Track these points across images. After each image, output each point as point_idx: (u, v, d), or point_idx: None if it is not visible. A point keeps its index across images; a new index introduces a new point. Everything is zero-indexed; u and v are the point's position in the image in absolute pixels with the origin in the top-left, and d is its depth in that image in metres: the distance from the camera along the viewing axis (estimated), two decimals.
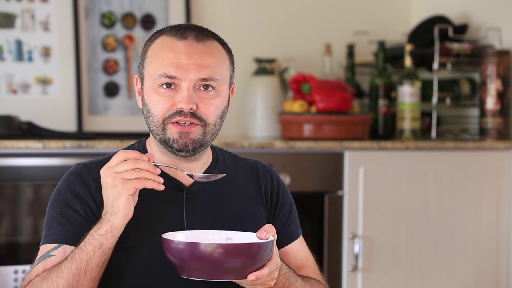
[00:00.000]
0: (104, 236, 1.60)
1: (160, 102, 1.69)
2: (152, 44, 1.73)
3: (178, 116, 1.68)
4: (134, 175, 1.58)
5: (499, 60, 3.23)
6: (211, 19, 3.42)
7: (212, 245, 1.53)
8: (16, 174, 2.76)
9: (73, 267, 1.60)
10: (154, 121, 1.71)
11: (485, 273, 3.18)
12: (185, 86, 1.67)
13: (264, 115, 3.37)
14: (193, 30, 1.71)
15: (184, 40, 1.69)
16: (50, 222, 1.70)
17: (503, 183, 3.19)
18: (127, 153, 1.60)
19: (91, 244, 1.60)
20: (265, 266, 1.58)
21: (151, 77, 1.71)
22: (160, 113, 1.69)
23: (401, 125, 3.28)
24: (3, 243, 2.79)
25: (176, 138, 1.69)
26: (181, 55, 1.68)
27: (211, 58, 1.70)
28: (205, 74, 1.68)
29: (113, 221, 1.59)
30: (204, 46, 1.70)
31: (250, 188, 1.82)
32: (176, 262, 1.57)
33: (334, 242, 3.02)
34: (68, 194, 1.71)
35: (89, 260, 1.60)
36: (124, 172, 1.58)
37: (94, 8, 3.28)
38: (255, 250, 1.54)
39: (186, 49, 1.69)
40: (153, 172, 1.59)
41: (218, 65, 1.71)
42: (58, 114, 3.21)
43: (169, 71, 1.67)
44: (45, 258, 1.66)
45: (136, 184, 1.58)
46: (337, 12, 3.65)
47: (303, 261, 1.86)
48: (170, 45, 1.69)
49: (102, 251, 1.60)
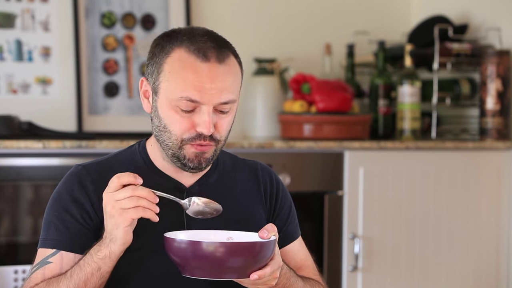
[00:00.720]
0: (103, 260, 1.61)
1: (180, 122, 1.67)
2: (169, 57, 1.68)
3: (198, 140, 1.67)
4: (132, 203, 1.56)
5: (499, 60, 3.22)
6: (211, 19, 3.42)
7: (215, 243, 1.52)
8: (16, 174, 2.76)
9: (71, 285, 1.62)
10: (171, 139, 1.69)
11: (485, 273, 3.18)
12: (206, 110, 1.66)
13: (264, 115, 3.37)
14: (214, 49, 1.67)
15: (207, 62, 1.66)
16: (48, 225, 1.71)
17: (503, 183, 3.19)
18: (122, 177, 1.58)
19: (89, 266, 1.61)
20: (267, 266, 1.58)
21: (169, 95, 1.67)
22: (179, 133, 1.68)
23: (401, 125, 3.28)
24: (3, 243, 2.79)
25: (192, 158, 1.69)
26: (204, 79, 1.65)
27: (230, 79, 1.68)
28: (225, 98, 1.67)
29: (112, 247, 1.60)
30: (225, 67, 1.67)
31: (250, 189, 1.82)
32: (178, 261, 1.57)
33: (334, 242, 3.02)
34: (66, 198, 1.71)
35: (87, 281, 1.62)
36: (123, 200, 1.57)
37: (94, 8, 3.28)
38: (258, 249, 1.54)
39: (209, 72, 1.65)
40: (151, 201, 1.58)
41: (235, 84, 1.69)
42: (58, 114, 3.21)
43: (192, 95, 1.65)
44: (44, 265, 1.68)
45: (133, 215, 1.57)
46: (337, 12, 3.65)
47: (302, 262, 1.86)
48: (192, 67, 1.65)
49: (100, 274, 1.62)
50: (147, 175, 1.71)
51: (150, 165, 1.76)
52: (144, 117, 3.26)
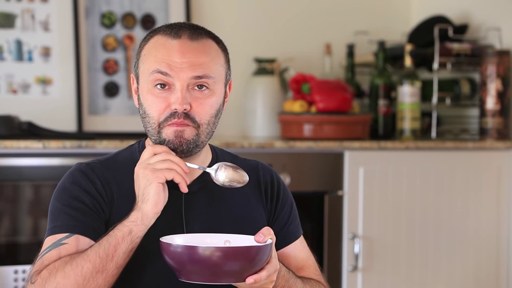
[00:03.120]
0: (134, 223, 1.61)
1: (155, 103, 1.69)
2: (147, 43, 1.73)
3: (173, 118, 1.68)
4: (165, 165, 1.63)
5: (499, 60, 3.23)
6: (211, 19, 3.43)
7: (210, 248, 1.52)
8: (16, 174, 2.76)
9: (100, 251, 1.60)
10: (150, 123, 1.71)
11: (485, 273, 3.18)
12: (179, 86, 1.67)
13: (264, 115, 3.37)
14: (187, 28, 1.71)
15: (178, 39, 1.69)
16: (56, 214, 1.69)
17: (503, 183, 3.19)
18: (156, 147, 1.66)
19: (120, 231, 1.61)
20: (263, 269, 1.58)
21: (145, 75, 1.70)
22: (155, 114, 1.69)
23: (401, 125, 3.28)
24: (3, 243, 2.79)
25: (171, 139, 1.69)
26: (174, 54, 1.68)
27: (205, 56, 1.69)
28: (198, 72, 1.68)
29: (144, 208, 1.62)
30: (198, 44, 1.70)
31: (250, 188, 1.82)
32: (174, 266, 1.56)
33: (334, 242, 3.02)
34: (75, 188, 1.70)
35: (117, 245, 1.60)
36: (155, 163, 1.63)
37: (94, 8, 3.28)
38: (254, 253, 1.54)
39: (180, 47, 1.69)
40: (183, 168, 1.64)
41: (212, 63, 1.70)
42: (58, 114, 3.21)
43: (161, 66, 1.67)
44: (58, 246, 1.65)
45: (166, 173, 1.62)
46: (337, 12, 3.65)
47: (304, 262, 1.86)
48: (164, 44, 1.69)
49: (130, 238, 1.61)
50: None
51: None
52: None
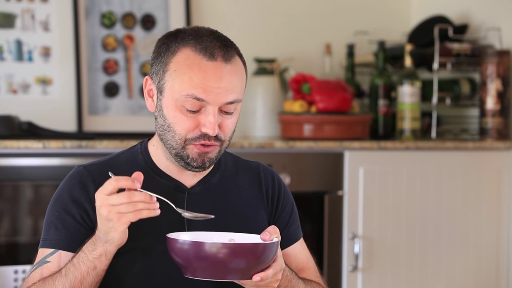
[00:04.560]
0: (98, 259, 1.61)
1: (184, 122, 1.66)
2: (175, 56, 1.67)
3: (202, 139, 1.67)
4: (129, 208, 1.55)
5: (499, 60, 3.23)
6: (211, 19, 3.42)
7: (217, 245, 1.52)
8: (16, 174, 2.76)
9: (66, 284, 1.61)
10: (174, 138, 1.68)
11: (485, 273, 3.18)
12: (211, 110, 1.65)
13: (264, 115, 3.37)
14: (219, 48, 1.67)
15: (214, 61, 1.65)
16: (48, 225, 1.71)
17: (503, 183, 3.19)
18: (119, 181, 1.55)
19: (85, 265, 1.61)
20: (270, 267, 1.58)
21: (175, 93, 1.66)
22: (183, 132, 1.67)
23: (401, 125, 3.28)
24: (3, 243, 2.79)
25: (195, 158, 1.68)
26: (210, 78, 1.64)
27: (237, 79, 1.67)
28: (231, 98, 1.66)
29: (108, 248, 1.60)
30: (231, 67, 1.67)
31: (252, 189, 1.82)
32: (180, 262, 1.56)
33: (334, 242, 3.02)
34: (66, 198, 1.71)
35: (83, 279, 1.61)
36: (119, 205, 1.55)
37: (94, 8, 3.28)
38: (260, 250, 1.54)
39: (215, 71, 1.65)
40: (148, 201, 1.56)
41: (242, 86, 1.70)
42: (58, 114, 3.21)
43: (198, 93, 1.64)
44: (42, 265, 1.68)
45: (131, 218, 1.56)
46: (337, 12, 3.65)
47: (304, 264, 1.86)
48: (199, 65, 1.65)
49: (95, 273, 1.62)
50: (148, 175, 1.72)
51: (151, 166, 1.76)
52: (144, 117, 3.26)
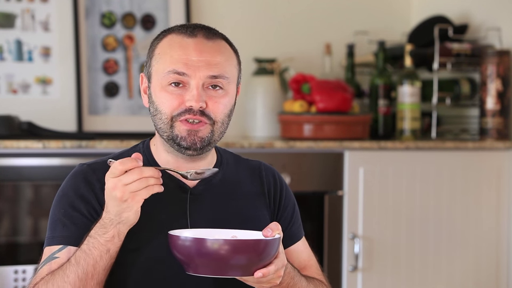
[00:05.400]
0: (111, 241, 1.60)
1: (169, 99, 1.69)
2: (160, 42, 1.73)
3: (187, 114, 1.68)
4: (142, 184, 1.56)
5: (499, 60, 3.23)
6: (211, 19, 3.42)
7: (219, 241, 1.52)
8: (16, 174, 2.76)
9: (79, 271, 1.60)
10: (161, 119, 1.70)
11: (485, 273, 3.18)
12: (195, 84, 1.67)
13: (264, 115, 3.37)
14: (202, 28, 1.72)
15: (194, 38, 1.70)
16: (54, 223, 1.70)
17: (503, 183, 3.19)
18: (125, 164, 1.56)
19: (97, 249, 1.60)
20: (271, 264, 1.58)
21: (159, 74, 1.70)
22: (168, 110, 1.69)
23: (401, 125, 3.28)
24: (3, 243, 2.79)
25: (184, 136, 1.69)
26: (190, 52, 1.68)
27: (220, 56, 1.70)
28: (214, 72, 1.68)
29: (121, 228, 1.60)
30: (214, 44, 1.71)
31: (253, 189, 1.82)
32: (182, 259, 1.57)
33: (334, 242, 3.02)
34: (72, 195, 1.71)
35: (96, 264, 1.61)
36: (132, 183, 1.56)
37: (94, 8, 3.28)
38: (262, 246, 1.54)
39: (196, 46, 1.69)
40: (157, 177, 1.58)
41: (227, 64, 1.71)
42: (58, 114, 3.21)
43: (178, 67, 1.67)
44: (50, 261, 1.67)
45: (144, 195, 1.57)
46: (337, 12, 3.65)
47: (306, 262, 1.86)
48: (180, 42, 1.70)
49: (109, 256, 1.61)
50: None
51: (153, 165, 1.76)
52: (144, 117, 3.26)
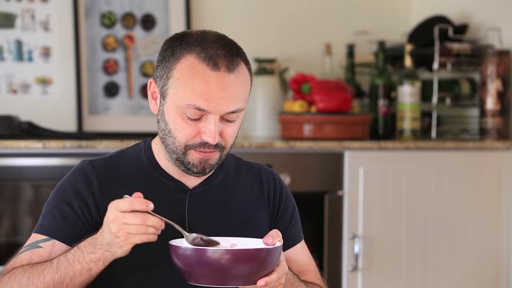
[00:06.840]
0: (95, 263, 1.59)
1: (185, 128, 1.66)
2: (179, 63, 1.66)
3: (202, 147, 1.66)
4: (141, 230, 1.53)
5: (499, 60, 3.22)
6: (211, 19, 3.42)
7: (220, 251, 1.51)
8: (16, 174, 2.76)
9: (56, 277, 1.60)
10: (175, 144, 1.68)
11: (485, 273, 3.18)
12: (213, 119, 1.64)
13: (264, 115, 3.37)
14: (224, 57, 1.65)
15: (217, 71, 1.63)
16: (46, 212, 1.71)
17: (503, 183, 3.19)
18: (134, 204, 1.53)
19: (80, 264, 1.59)
20: (274, 272, 1.57)
21: (177, 101, 1.65)
22: (183, 139, 1.67)
23: (401, 125, 3.28)
24: (3, 243, 2.79)
25: (196, 163, 1.68)
26: (213, 87, 1.63)
27: (240, 88, 1.66)
28: (233, 107, 1.65)
29: (107, 256, 1.58)
30: (235, 76, 1.65)
31: (253, 191, 1.82)
32: (183, 269, 1.55)
33: (334, 242, 3.02)
34: (69, 189, 1.71)
35: (74, 277, 1.60)
36: (132, 225, 1.53)
37: (94, 8, 3.28)
38: (264, 255, 1.53)
39: (219, 81, 1.63)
40: (159, 228, 1.54)
41: (244, 94, 1.68)
42: (58, 114, 3.21)
43: (199, 103, 1.63)
44: (33, 248, 1.67)
45: (137, 240, 1.54)
46: (337, 12, 3.65)
47: (305, 266, 1.86)
48: (202, 75, 1.63)
49: (89, 275, 1.60)
50: (151, 174, 1.73)
51: (154, 165, 1.76)
52: (144, 117, 3.26)
